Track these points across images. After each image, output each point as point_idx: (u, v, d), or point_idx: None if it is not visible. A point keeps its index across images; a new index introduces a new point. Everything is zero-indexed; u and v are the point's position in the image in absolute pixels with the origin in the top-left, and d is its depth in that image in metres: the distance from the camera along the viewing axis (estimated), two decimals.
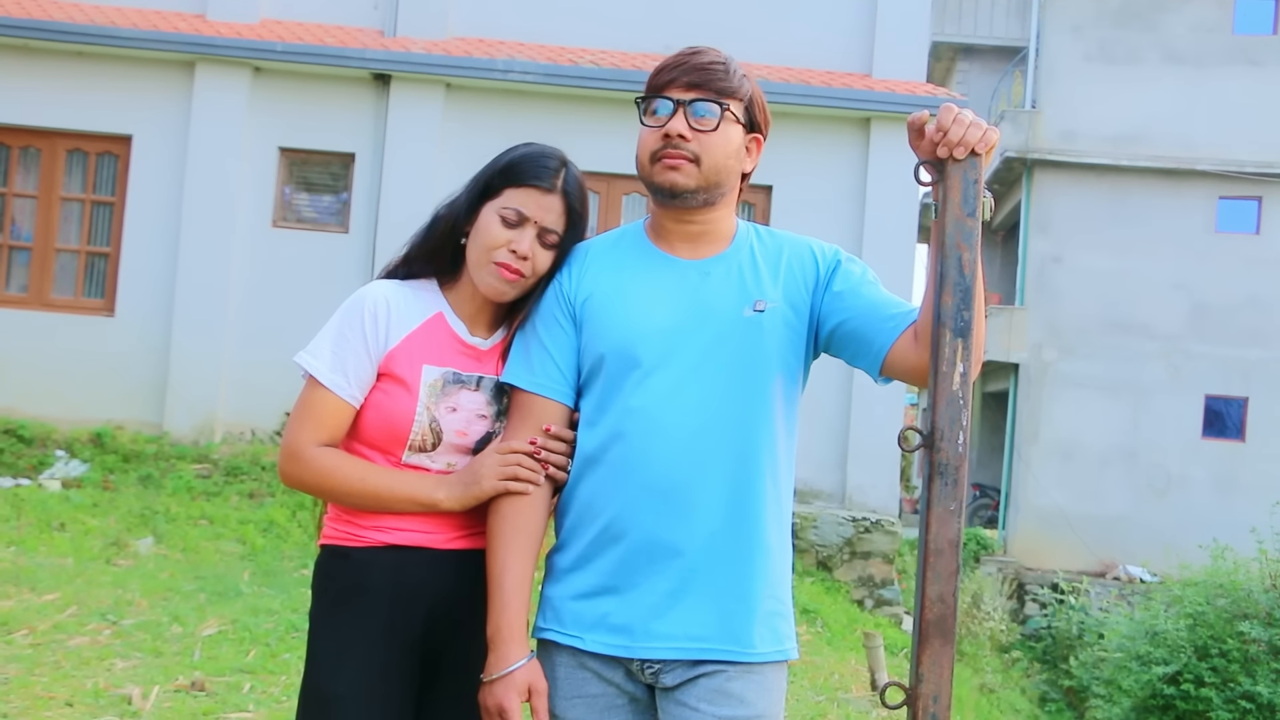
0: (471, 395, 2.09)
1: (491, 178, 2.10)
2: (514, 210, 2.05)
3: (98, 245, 10.27)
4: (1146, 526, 14.77)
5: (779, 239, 2.09)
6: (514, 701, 1.95)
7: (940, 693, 1.75)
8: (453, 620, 2.06)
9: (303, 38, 10.12)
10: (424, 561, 2.05)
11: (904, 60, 10.73)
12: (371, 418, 2.07)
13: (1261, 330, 15.21)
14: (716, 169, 1.96)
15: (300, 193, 10.44)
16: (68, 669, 4.91)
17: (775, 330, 1.99)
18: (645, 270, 2.03)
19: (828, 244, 2.09)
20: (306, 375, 2.07)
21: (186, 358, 9.90)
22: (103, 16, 10.07)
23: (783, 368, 2.00)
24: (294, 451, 2.05)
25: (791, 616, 2.05)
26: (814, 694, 6.13)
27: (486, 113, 10.06)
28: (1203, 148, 15.26)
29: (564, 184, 2.08)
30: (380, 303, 2.08)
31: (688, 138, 1.94)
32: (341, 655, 2.02)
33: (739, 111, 1.99)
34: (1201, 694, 9.04)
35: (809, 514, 9.52)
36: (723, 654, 1.93)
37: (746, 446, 1.96)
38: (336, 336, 2.06)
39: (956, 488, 1.77)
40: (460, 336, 2.12)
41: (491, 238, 2.05)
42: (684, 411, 1.95)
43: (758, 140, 2.05)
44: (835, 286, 2.02)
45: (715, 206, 2.02)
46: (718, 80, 1.96)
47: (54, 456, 9.15)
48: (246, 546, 7.86)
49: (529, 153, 2.10)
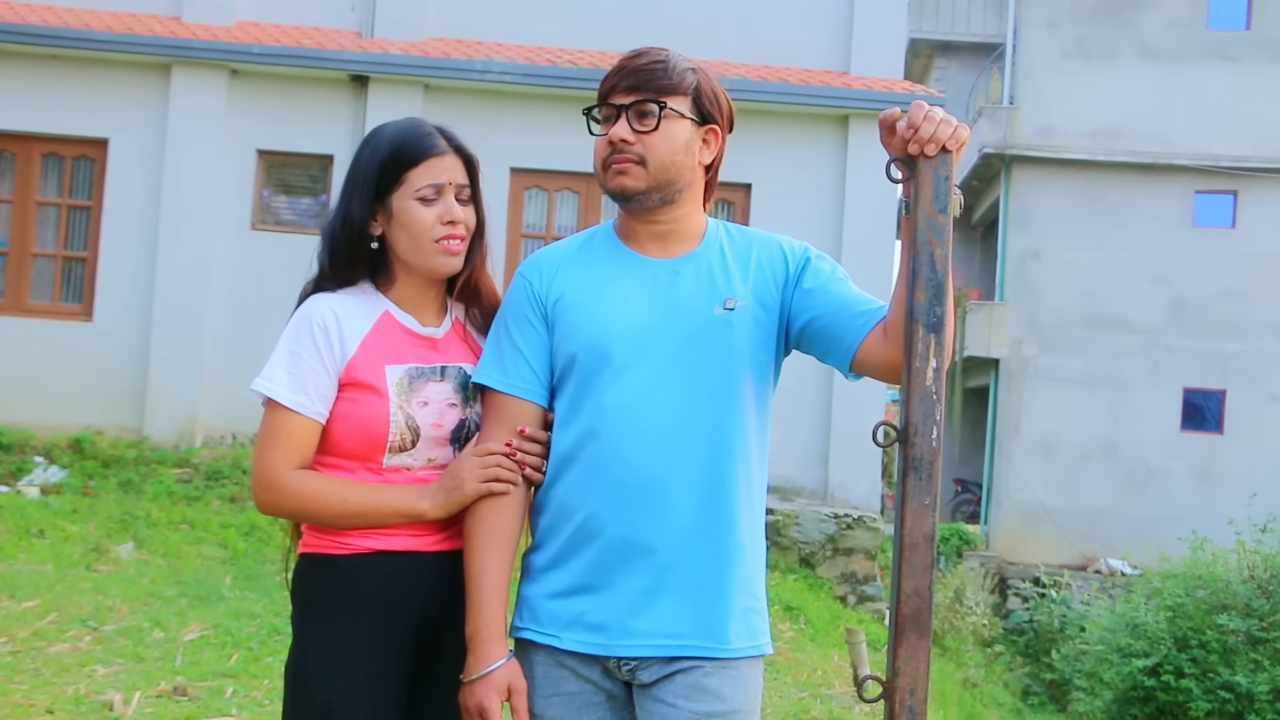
0: (438, 386, 2.09)
1: (381, 173, 2.09)
2: (429, 186, 2.07)
3: (75, 250, 10.22)
4: (1127, 520, 14.87)
5: (749, 236, 2.11)
6: (494, 701, 1.95)
7: (917, 685, 1.77)
8: (442, 623, 2.06)
9: (280, 40, 10.08)
10: (412, 566, 2.05)
11: (882, 57, 10.77)
12: (344, 429, 2.05)
13: (1239, 324, 15.32)
14: (663, 167, 1.98)
15: (279, 195, 10.41)
16: (48, 676, 4.88)
17: (745, 328, 2.00)
18: (616, 270, 2.04)
19: (798, 241, 2.11)
20: (266, 401, 2.04)
21: (166, 362, 9.85)
22: (77, 19, 10.01)
23: (753, 365, 2.02)
24: (269, 480, 2.02)
25: (765, 612, 2.07)
26: (797, 690, 6.15)
27: (465, 113, 10.04)
28: (1179, 142, 15.37)
29: (450, 141, 2.12)
30: (327, 315, 2.06)
31: (630, 141, 1.97)
32: (334, 663, 2.01)
33: (683, 107, 2.00)
34: (1181, 685, 9.10)
35: (791, 511, 9.54)
36: (698, 650, 1.95)
37: (718, 443, 1.97)
38: (290, 356, 2.04)
39: (931, 482, 1.79)
40: (413, 330, 2.12)
41: (420, 223, 2.06)
42: (657, 409, 1.96)
43: (714, 131, 2.06)
44: (805, 284, 2.04)
45: (676, 204, 2.03)
46: (656, 80, 1.98)
47: (33, 463, 9.09)
48: (228, 551, 7.83)
49: (403, 131, 2.12)
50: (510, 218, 10.25)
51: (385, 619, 2.03)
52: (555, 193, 10.50)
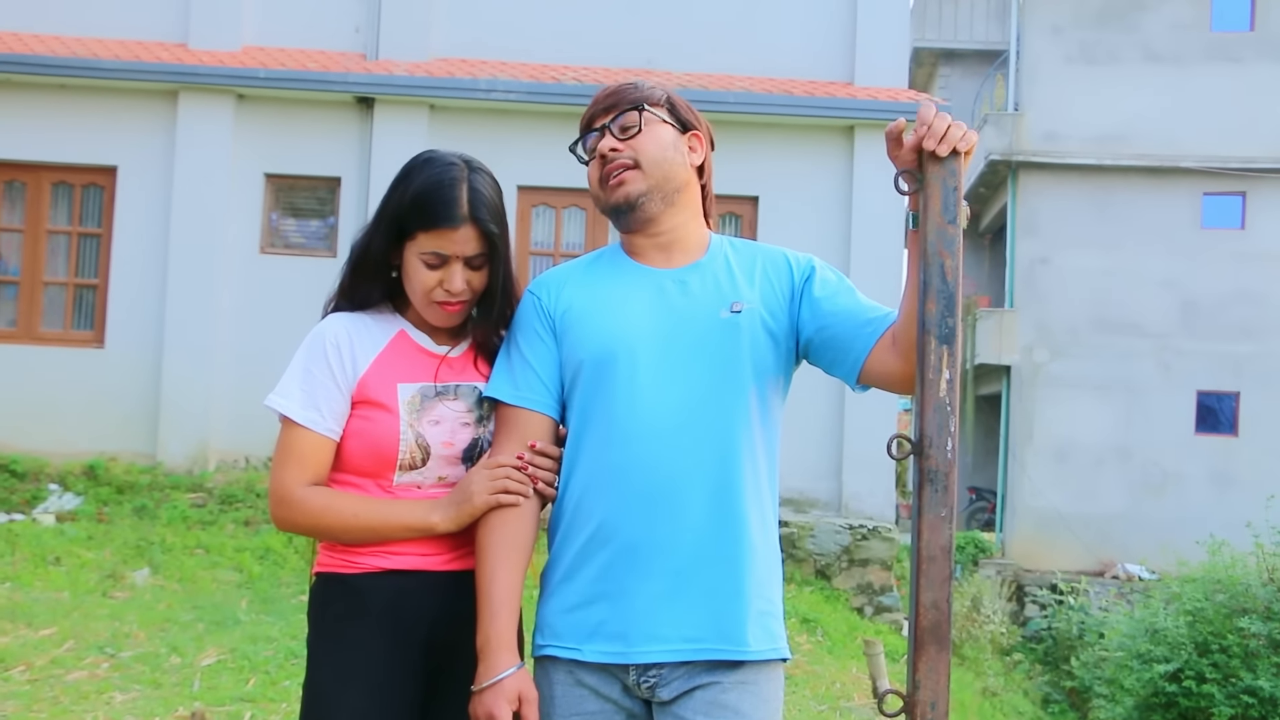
0: (451, 405, 2.10)
1: (402, 220, 2.07)
2: (433, 254, 2.06)
3: (85, 277, 10.26)
4: (1143, 524, 14.78)
5: (753, 249, 2.14)
6: (504, 710, 1.94)
7: (938, 699, 1.76)
8: (452, 642, 2.06)
9: (285, 64, 10.13)
10: (422, 584, 2.05)
11: (886, 67, 10.78)
12: (356, 446, 2.06)
13: (1251, 325, 15.26)
14: (657, 163, 2.02)
15: (287, 218, 10.44)
16: (66, 704, 4.88)
17: (753, 330, 2.01)
18: (622, 281, 2.07)
19: (802, 253, 2.13)
20: (281, 418, 2.06)
21: (178, 387, 9.88)
22: (84, 49, 10.08)
23: (762, 369, 2.02)
24: (282, 496, 2.04)
25: (781, 617, 2.06)
26: (816, 703, 6.12)
27: (471, 132, 10.07)
28: (1186, 145, 15.33)
29: (470, 211, 2.04)
30: (340, 333, 2.09)
31: (619, 148, 2.02)
32: (343, 681, 2.01)
33: (661, 113, 2.07)
34: (1203, 690, 9.02)
35: (806, 523, 9.51)
36: (718, 653, 1.94)
37: (727, 445, 1.97)
38: (303, 374, 2.07)
39: (947, 494, 1.78)
40: (428, 349, 2.14)
41: (422, 282, 2.07)
42: (666, 413, 1.96)
43: (697, 136, 2.11)
44: (812, 293, 2.05)
45: (675, 207, 2.06)
46: (628, 95, 2.07)
47: (47, 490, 9.11)
48: (243, 574, 7.83)
49: (429, 186, 2.05)
50: (518, 235, 10.27)
51: (395, 637, 2.03)
52: (563, 210, 10.52)
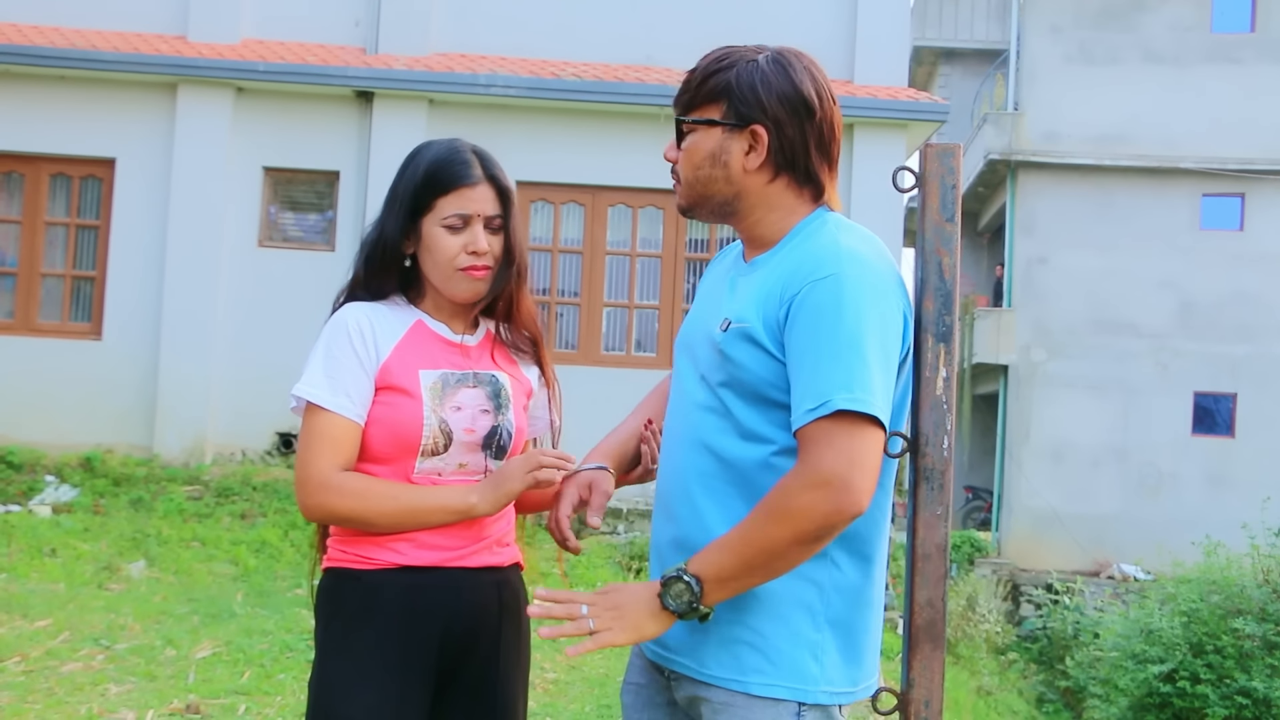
0: (471, 392, 2.11)
1: (417, 194, 2.10)
2: (456, 216, 2.07)
3: (83, 269, 10.25)
4: (1139, 525, 14.79)
5: (799, 253, 1.86)
6: (571, 491, 2.04)
7: (931, 697, 1.75)
8: (466, 640, 2.06)
9: (285, 57, 10.12)
10: (437, 581, 2.04)
11: (886, 66, 10.78)
12: (378, 432, 2.05)
13: (1248, 326, 15.26)
14: (690, 184, 1.95)
15: (285, 212, 10.44)
16: (61, 695, 4.88)
17: (736, 347, 1.83)
18: (716, 274, 2.06)
19: (807, 273, 1.80)
20: (306, 406, 2.04)
21: (175, 380, 9.88)
22: (83, 40, 10.06)
23: (747, 385, 1.84)
24: (321, 481, 2.00)
25: (769, 652, 1.81)
26: None
27: (470, 127, 10.06)
28: (1185, 146, 15.33)
29: (485, 171, 2.10)
30: (362, 319, 2.09)
31: (672, 159, 1.98)
32: (356, 679, 2.00)
33: (713, 116, 1.91)
34: (1197, 691, 9.03)
35: None
36: (679, 666, 1.89)
37: (707, 462, 1.87)
38: (327, 360, 2.05)
39: (942, 492, 1.78)
40: (445, 337, 2.14)
41: (447, 250, 2.08)
42: (672, 420, 1.98)
43: (754, 131, 1.87)
44: (786, 334, 1.81)
45: (737, 215, 1.95)
46: (683, 98, 1.96)
47: (44, 482, 9.11)
48: (239, 568, 7.83)
49: (441, 157, 2.11)
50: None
51: (408, 634, 2.02)
52: (561, 205, 10.51)
